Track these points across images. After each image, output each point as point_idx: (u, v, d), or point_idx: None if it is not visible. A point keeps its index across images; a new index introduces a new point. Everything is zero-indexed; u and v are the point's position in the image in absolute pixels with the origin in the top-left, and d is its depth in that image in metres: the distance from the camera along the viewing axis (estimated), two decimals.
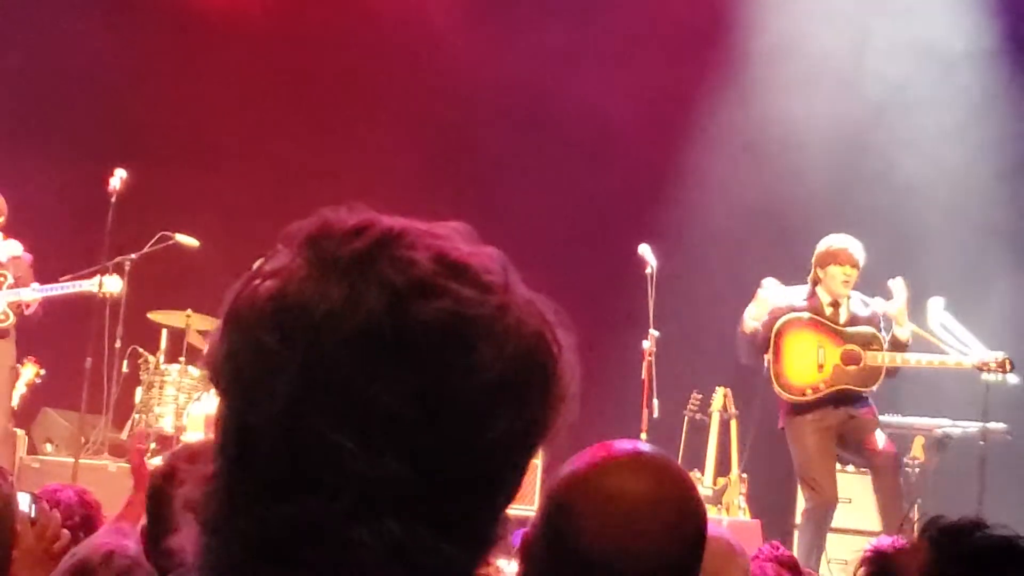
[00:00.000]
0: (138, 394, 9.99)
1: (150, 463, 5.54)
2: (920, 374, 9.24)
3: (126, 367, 9.92)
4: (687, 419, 9.65)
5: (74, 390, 9.34)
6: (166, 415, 9.82)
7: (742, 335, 8.15)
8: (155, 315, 10.10)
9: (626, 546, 1.85)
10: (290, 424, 1.09)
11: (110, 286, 9.15)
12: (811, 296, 8.13)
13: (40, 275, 9.14)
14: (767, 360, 8.14)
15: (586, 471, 1.92)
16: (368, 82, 11.75)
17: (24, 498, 4.05)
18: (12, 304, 8.98)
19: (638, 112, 11.44)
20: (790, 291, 8.20)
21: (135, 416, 10.00)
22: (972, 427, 9.06)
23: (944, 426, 9.51)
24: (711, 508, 8.73)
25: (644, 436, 8.42)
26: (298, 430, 1.08)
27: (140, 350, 10.02)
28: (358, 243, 1.12)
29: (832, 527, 8.49)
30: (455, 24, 11.53)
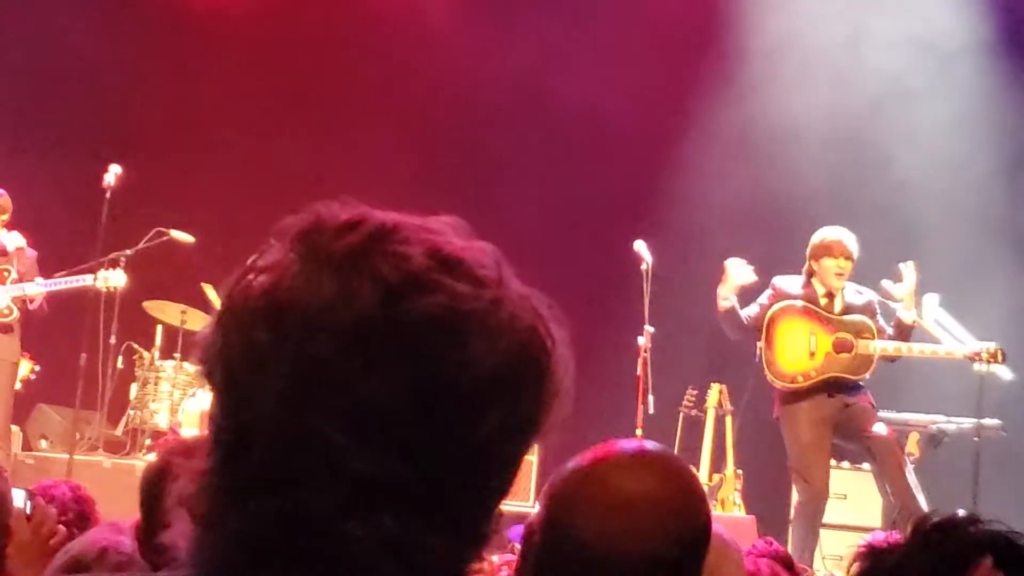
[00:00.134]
0: (133, 390, 9.99)
1: (146, 459, 5.53)
2: (915, 371, 9.27)
3: (121, 363, 9.91)
4: (682, 415, 9.65)
5: (69, 386, 9.33)
6: (161, 411, 9.82)
7: (720, 315, 8.19)
8: (150, 305, 10.08)
9: (627, 543, 1.85)
10: (283, 419, 1.09)
11: (114, 280, 9.13)
12: (806, 286, 8.15)
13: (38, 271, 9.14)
14: (760, 348, 8.15)
15: (589, 468, 1.91)
16: (363, 79, 11.74)
17: (19, 494, 4.04)
18: (16, 299, 8.97)
19: (634, 108, 11.44)
20: (787, 280, 8.22)
21: (130, 412, 10.00)
22: (966, 423, 9.07)
23: (939, 422, 9.53)
24: None
25: (639, 432, 8.41)
26: (291, 425, 1.08)
27: (135, 346, 10.02)
28: (351, 238, 1.12)
29: (827, 523, 8.49)
30: (451, 22, 11.54)
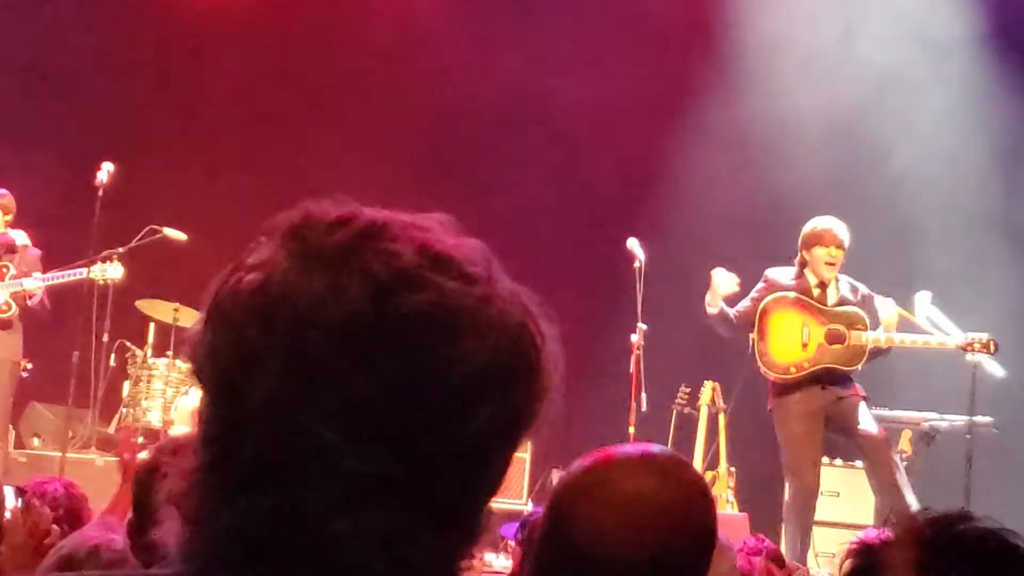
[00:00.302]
0: (125, 388, 9.97)
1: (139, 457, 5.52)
2: (908, 368, 9.27)
3: (113, 361, 9.90)
4: (675, 413, 9.66)
5: (61, 384, 9.31)
6: (154, 409, 9.81)
7: (709, 320, 8.22)
8: (143, 303, 10.07)
9: (628, 543, 1.84)
10: (273, 416, 1.08)
11: (111, 272, 9.10)
12: (798, 277, 8.16)
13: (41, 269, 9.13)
14: (752, 339, 8.15)
15: (593, 469, 1.91)
16: (358, 77, 11.73)
17: (9, 491, 4.04)
18: (15, 295, 8.95)
19: (627, 106, 11.44)
20: (779, 271, 8.24)
21: (122, 410, 9.98)
22: (959, 421, 9.08)
23: (931, 419, 9.54)
24: None
25: (632, 430, 8.42)
26: (281, 423, 1.08)
27: (128, 344, 10.00)
28: (341, 235, 1.12)
29: (820, 520, 8.50)
30: (446, 21, 11.52)
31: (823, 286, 8.14)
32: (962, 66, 11.07)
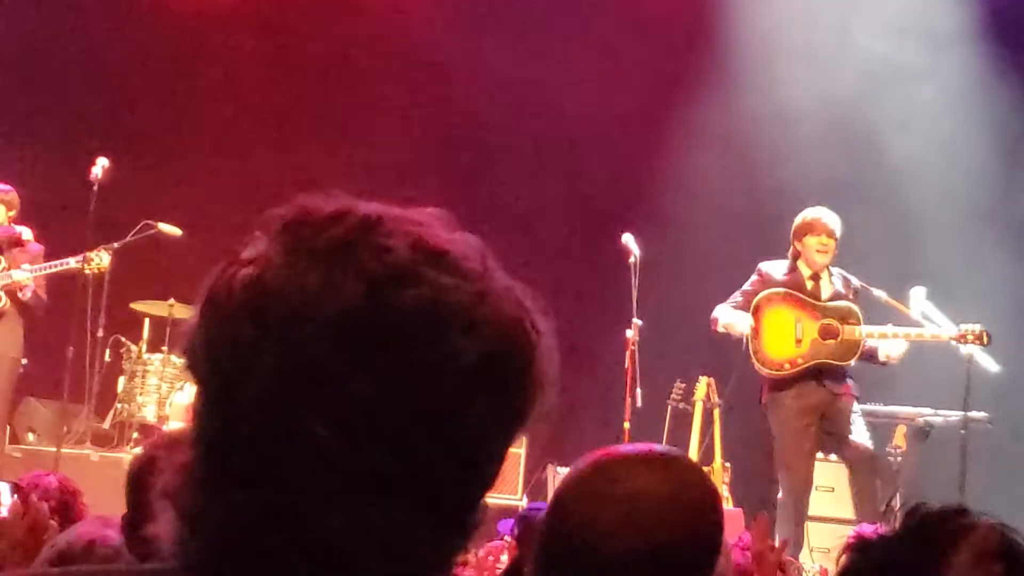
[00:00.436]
0: (120, 383, 9.97)
1: (132, 453, 5.52)
2: (903, 364, 9.28)
3: (108, 356, 9.89)
4: (670, 408, 9.65)
5: (56, 379, 9.30)
6: (148, 405, 9.80)
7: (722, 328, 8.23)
8: (138, 305, 10.08)
9: (630, 537, 1.83)
10: (266, 412, 1.08)
11: (98, 262, 9.06)
12: (792, 271, 8.17)
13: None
14: (746, 337, 8.16)
15: (597, 465, 1.90)
16: (354, 74, 11.72)
17: (5, 487, 4.05)
18: (7, 288, 8.93)
19: (623, 102, 11.44)
20: (773, 264, 8.25)
21: (117, 406, 9.98)
22: (953, 416, 9.09)
23: (926, 415, 9.54)
24: None
25: (627, 426, 8.42)
26: (275, 418, 1.08)
27: (122, 339, 10.00)
28: (335, 230, 1.12)
29: (814, 515, 8.51)
30: (443, 19, 11.51)
31: (816, 278, 8.15)
32: (960, 60, 11.05)
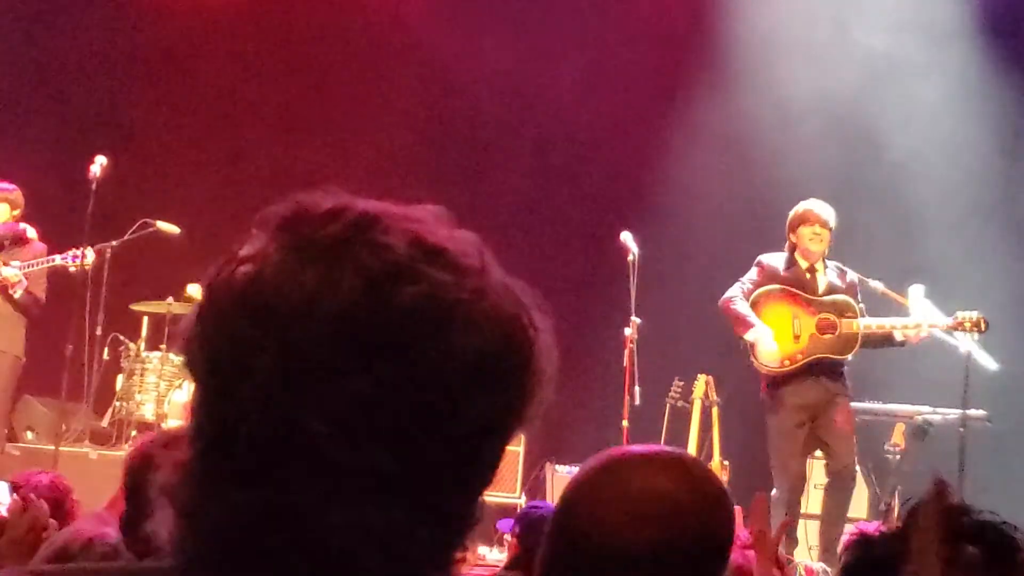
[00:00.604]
0: (119, 382, 9.97)
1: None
2: (901, 362, 9.27)
3: (107, 354, 9.88)
4: (669, 406, 9.65)
5: (55, 377, 9.29)
6: (147, 403, 9.80)
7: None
8: (136, 306, 10.08)
9: (636, 537, 1.82)
10: (265, 410, 1.08)
11: (84, 258, 9.03)
12: (791, 264, 8.17)
13: None
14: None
15: (603, 466, 1.90)
16: (350, 73, 11.71)
17: (4, 486, 4.05)
18: None
19: (621, 100, 11.43)
20: (772, 256, 8.25)
21: (116, 404, 9.97)
22: (952, 414, 9.08)
23: (924, 413, 9.53)
24: None
25: (625, 423, 8.42)
26: (273, 416, 1.08)
27: (121, 337, 9.99)
28: (333, 228, 1.12)
29: (812, 514, 8.50)
30: (439, 16, 11.50)
31: (813, 271, 8.15)
32: (960, 55, 11.03)
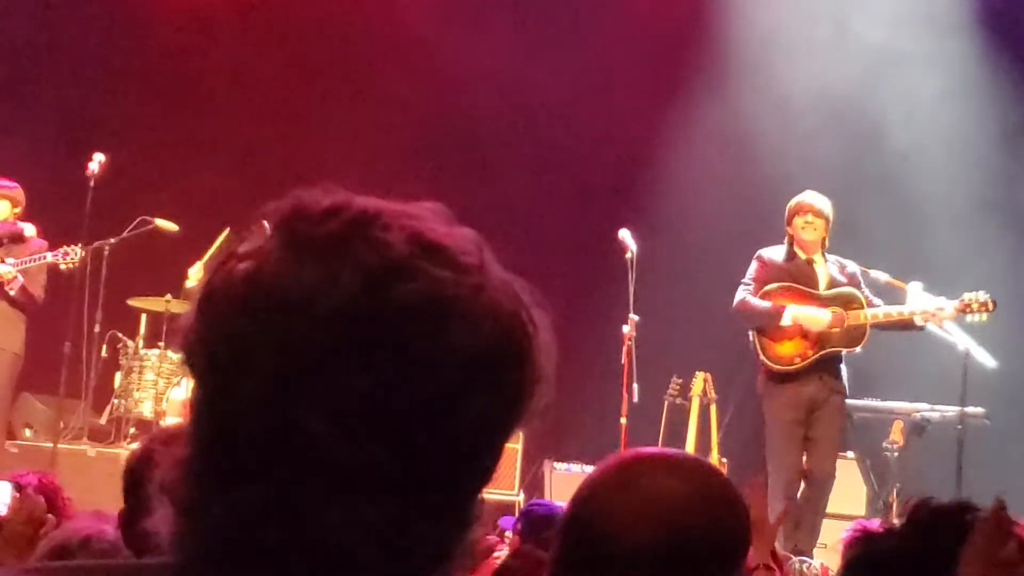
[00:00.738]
0: (117, 379, 9.96)
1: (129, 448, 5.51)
2: (899, 359, 9.28)
3: (105, 352, 9.88)
4: (667, 404, 9.67)
5: (53, 375, 9.30)
6: (145, 400, 9.80)
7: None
8: (134, 301, 10.07)
9: (646, 537, 1.81)
10: (264, 407, 1.08)
11: (74, 256, 9.02)
12: (791, 257, 8.18)
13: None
14: (752, 335, 8.16)
15: (614, 467, 1.89)
16: (348, 69, 11.71)
17: (6, 487, 4.05)
18: None
19: (620, 97, 11.44)
20: (772, 250, 8.25)
21: (114, 401, 9.97)
22: (950, 411, 9.09)
23: (922, 410, 9.54)
24: None
25: (624, 421, 8.42)
26: (272, 413, 1.08)
27: (119, 335, 9.99)
28: (333, 224, 1.12)
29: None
30: (437, 15, 11.50)
31: (811, 263, 8.14)
32: (961, 47, 11.01)
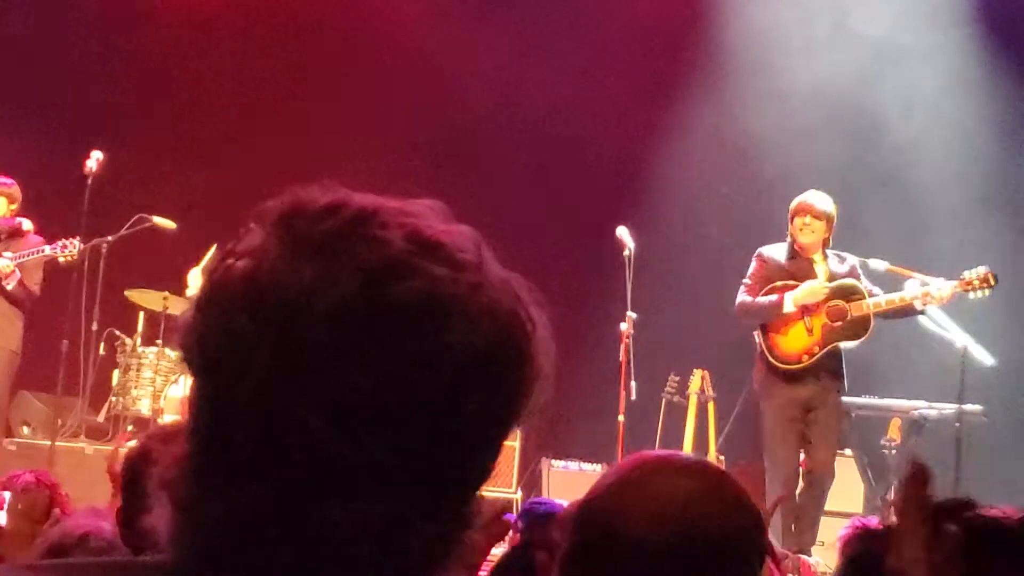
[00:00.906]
0: (115, 377, 9.96)
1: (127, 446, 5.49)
2: (897, 356, 9.28)
3: (103, 349, 9.88)
4: (664, 401, 9.67)
5: (51, 372, 9.30)
6: (143, 398, 9.80)
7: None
8: (132, 294, 10.05)
9: (665, 537, 1.80)
10: (262, 405, 1.08)
11: (72, 249, 9.01)
12: (792, 255, 8.17)
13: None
14: (757, 336, 8.15)
15: (625, 471, 1.89)
16: (346, 66, 11.70)
17: (6, 495, 4.07)
18: None
19: (618, 94, 11.43)
20: (772, 248, 8.25)
21: (112, 399, 9.97)
22: (948, 409, 9.10)
23: (920, 408, 9.55)
24: None
25: (621, 418, 8.43)
26: (270, 411, 1.08)
27: (117, 332, 9.98)
28: (331, 222, 1.12)
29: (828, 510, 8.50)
30: (434, 16, 11.50)
31: (810, 262, 8.14)
32: (961, 41, 11.00)
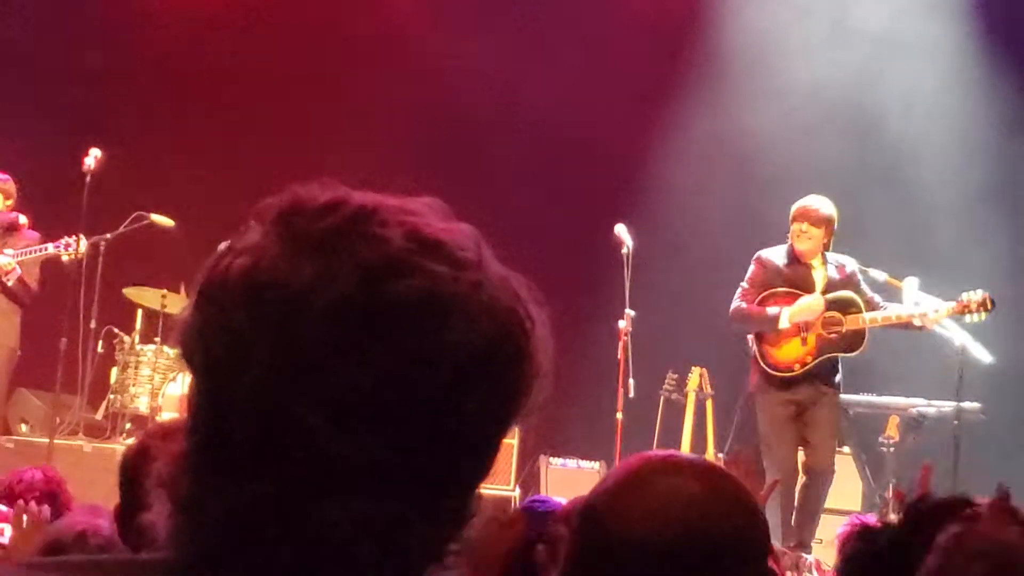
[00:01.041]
0: (113, 374, 9.96)
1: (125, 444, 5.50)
2: (896, 354, 9.28)
3: (101, 347, 9.87)
4: (663, 399, 9.66)
5: (49, 370, 9.29)
6: (141, 396, 9.80)
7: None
8: (130, 291, 10.04)
9: (668, 536, 1.80)
10: (261, 403, 1.08)
11: (77, 246, 9.00)
12: (791, 260, 8.17)
13: None
14: (751, 341, 8.15)
15: (626, 471, 1.88)
16: (346, 66, 11.70)
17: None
18: None
19: (617, 93, 11.43)
20: (772, 251, 8.25)
21: (110, 397, 9.97)
22: (946, 407, 9.10)
23: (919, 406, 9.55)
24: None
25: (620, 416, 8.43)
26: (269, 408, 1.08)
27: (115, 330, 9.98)
28: (330, 220, 1.12)
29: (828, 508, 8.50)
30: (431, 16, 11.50)
31: (808, 267, 8.14)
32: (960, 36, 10.99)
